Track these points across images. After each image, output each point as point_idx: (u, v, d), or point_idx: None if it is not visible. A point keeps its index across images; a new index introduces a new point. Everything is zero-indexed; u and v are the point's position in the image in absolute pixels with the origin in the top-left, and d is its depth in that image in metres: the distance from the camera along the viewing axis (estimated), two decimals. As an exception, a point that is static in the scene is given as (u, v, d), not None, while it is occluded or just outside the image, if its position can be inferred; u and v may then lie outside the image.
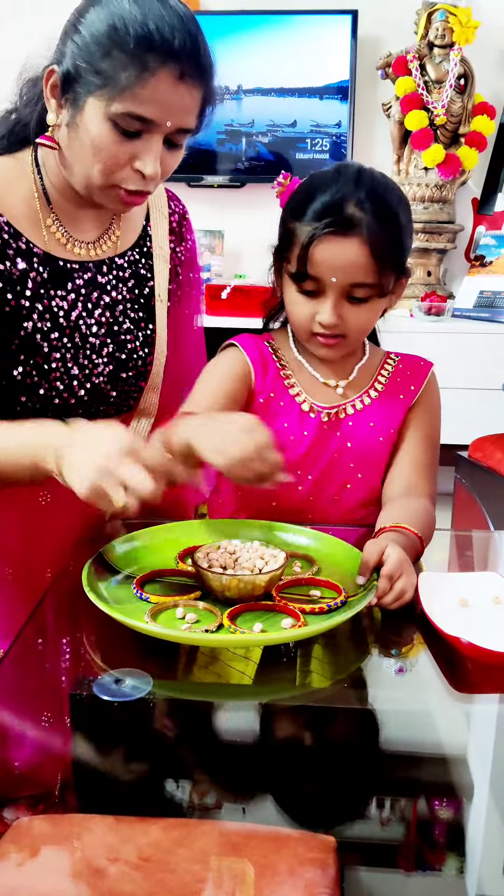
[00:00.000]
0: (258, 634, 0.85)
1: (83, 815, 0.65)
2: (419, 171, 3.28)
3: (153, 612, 0.88)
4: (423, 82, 3.18)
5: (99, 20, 0.98)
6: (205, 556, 0.96)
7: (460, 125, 3.23)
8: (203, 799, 0.70)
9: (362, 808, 0.69)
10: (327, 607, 0.90)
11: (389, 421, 1.19)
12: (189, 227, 1.33)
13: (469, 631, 0.85)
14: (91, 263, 1.19)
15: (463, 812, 0.70)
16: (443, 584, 0.97)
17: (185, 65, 0.98)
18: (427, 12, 3.17)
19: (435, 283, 3.37)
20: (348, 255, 1.06)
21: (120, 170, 1.03)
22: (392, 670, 0.89)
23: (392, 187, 1.12)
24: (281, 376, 1.20)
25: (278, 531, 1.10)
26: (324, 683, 0.86)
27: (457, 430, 2.77)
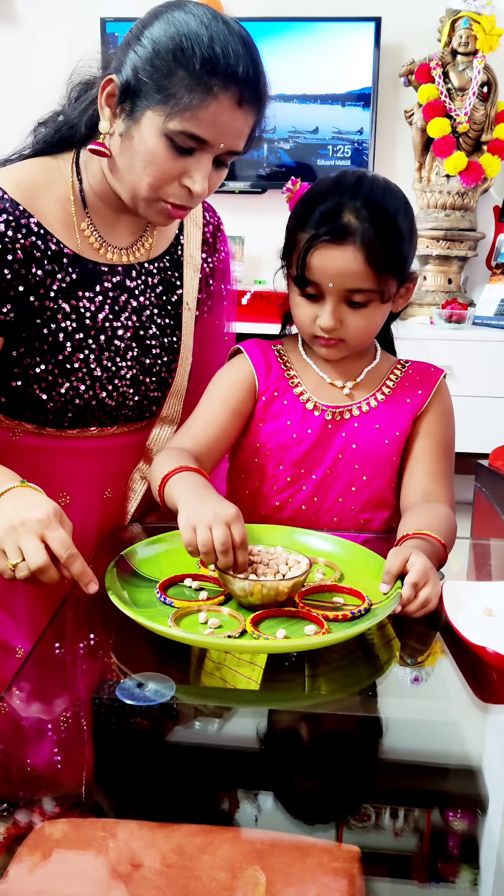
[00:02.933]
0: (282, 641, 0.84)
1: (105, 820, 0.65)
2: (441, 178, 3.27)
3: (176, 616, 0.88)
4: (446, 90, 3.18)
5: (165, 36, 1.00)
6: None
7: (483, 133, 3.22)
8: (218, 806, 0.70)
9: (375, 817, 0.68)
10: (351, 615, 0.90)
11: (395, 424, 1.19)
12: (223, 239, 1.34)
13: (494, 640, 0.84)
14: (120, 267, 1.19)
15: (477, 824, 0.69)
16: (467, 592, 0.96)
17: (245, 91, 1.00)
18: (451, 20, 3.17)
19: (455, 291, 3.36)
20: (344, 263, 1.08)
21: (168, 184, 1.05)
22: (407, 679, 0.88)
23: (393, 194, 1.12)
24: (285, 377, 1.22)
25: (301, 536, 1.10)
26: (336, 691, 0.86)
27: (477, 439, 2.76)
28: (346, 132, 3.37)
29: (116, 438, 1.25)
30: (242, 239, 3.50)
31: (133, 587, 0.94)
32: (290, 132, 3.40)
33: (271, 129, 3.39)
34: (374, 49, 3.27)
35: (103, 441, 1.24)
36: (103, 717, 0.80)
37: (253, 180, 3.44)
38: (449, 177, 3.24)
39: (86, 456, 1.22)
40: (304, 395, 1.21)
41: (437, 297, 3.30)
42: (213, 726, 0.81)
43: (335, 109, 3.36)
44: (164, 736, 0.78)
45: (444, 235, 3.27)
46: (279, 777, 0.74)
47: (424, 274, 3.37)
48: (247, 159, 3.42)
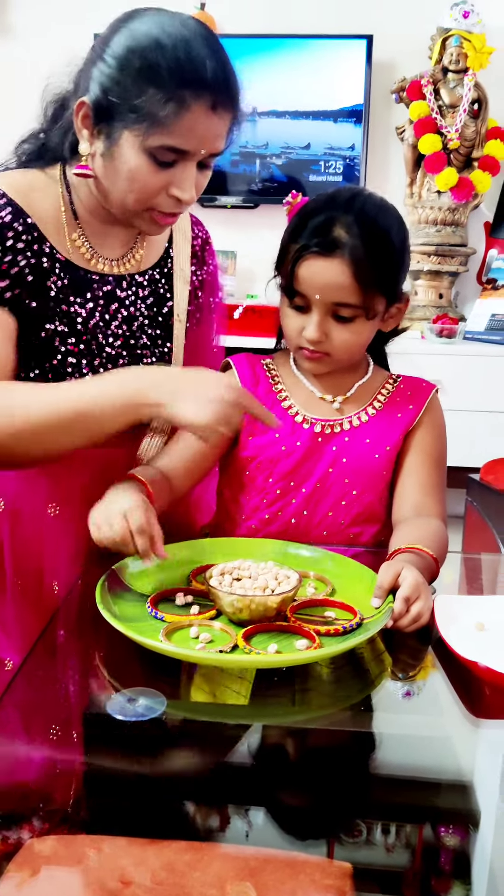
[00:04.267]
0: (273, 656, 0.84)
1: (95, 836, 0.64)
2: (432, 194, 3.29)
3: (167, 631, 0.88)
4: (437, 107, 3.20)
5: (128, 51, 0.99)
6: (217, 575, 0.95)
7: (473, 149, 3.24)
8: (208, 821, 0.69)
9: (367, 833, 0.67)
10: (343, 629, 0.89)
11: (386, 438, 1.19)
12: (211, 253, 1.35)
13: (486, 655, 0.84)
14: (111, 277, 1.20)
15: (469, 839, 0.69)
16: (459, 607, 0.96)
17: (218, 95, 1.00)
18: (441, 38, 3.20)
19: (447, 306, 3.38)
20: (330, 275, 1.09)
21: (156, 196, 1.06)
22: (399, 694, 0.88)
23: (387, 212, 1.14)
24: (273, 390, 1.23)
25: (292, 550, 1.09)
26: (326, 706, 0.85)
27: (468, 453, 2.77)
28: (338, 148, 3.39)
29: (107, 450, 1.25)
30: (234, 253, 3.51)
31: (124, 601, 0.94)
32: (282, 148, 3.42)
33: (263, 144, 3.41)
34: (366, 66, 3.30)
35: (94, 452, 1.23)
36: (94, 731, 0.79)
37: (245, 195, 3.46)
38: (440, 193, 3.26)
39: (76, 467, 1.22)
40: (293, 408, 1.21)
41: (428, 312, 3.31)
42: (203, 741, 0.80)
43: (327, 125, 3.39)
44: (155, 751, 0.77)
45: (435, 251, 3.28)
46: (270, 792, 0.73)
47: (416, 289, 3.39)
48: (239, 174, 3.44)
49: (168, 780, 0.74)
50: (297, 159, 3.41)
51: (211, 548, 1.10)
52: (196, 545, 1.10)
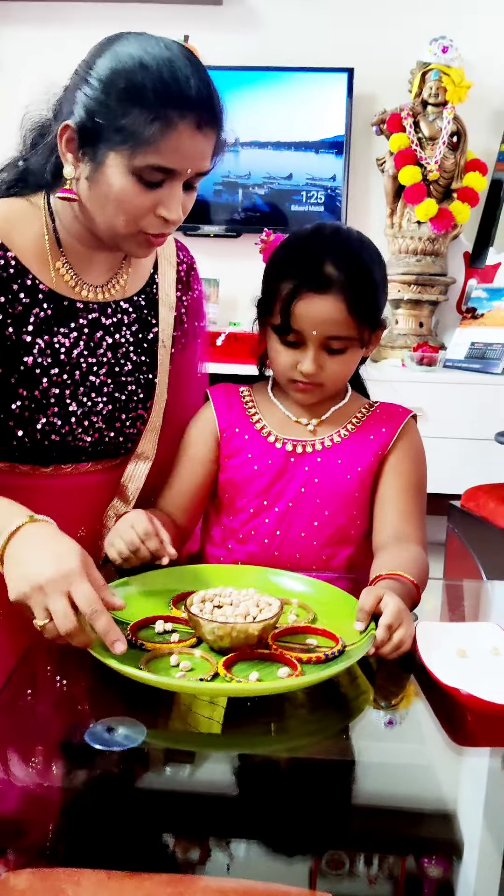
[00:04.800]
0: (255, 684, 0.83)
1: (73, 870, 0.63)
2: (412, 224, 3.34)
3: (147, 659, 0.87)
4: (417, 139, 3.25)
5: (112, 73, 1.00)
6: (198, 602, 0.94)
7: (453, 181, 3.30)
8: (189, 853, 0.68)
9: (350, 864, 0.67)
10: (324, 656, 0.89)
11: (358, 460, 1.20)
12: (196, 278, 1.35)
13: (468, 682, 0.83)
14: (96, 304, 1.20)
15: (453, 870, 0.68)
16: (441, 634, 0.96)
17: (202, 113, 1.01)
18: (421, 72, 3.26)
19: (427, 334, 3.41)
20: (327, 311, 1.12)
21: (144, 218, 1.05)
22: (381, 723, 0.87)
23: (367, 246, 1.18)
24: (246, 414, 1.25)
25: (274, 577, 1.09)
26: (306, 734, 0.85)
27: (449, 480, 2.78)
28: (319, 179, 3.44)
29: (91, 476, 1.24)
30: (217, 281, 3.53)
31: None
32: (264, 178, 3.46)
33: (246, 174, 3.45)
34: (347, 98, 3.35)
35: (77, 479, 1.23)
36: (72, 762, 0.78)
37: (227, 224, 3.49)
38: (420, 223, 3.31)
39: (59, 494, 1.21)
40: (266, 429, 1.23)
41: (409, 341, 3.34)
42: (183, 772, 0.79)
43: (309, 156, 3.43)
44: (134, 782, 0.76)
45: (415, 280, 3.32)
46: (251, 824, 0.72)
47: (396, 318, 3.42)
48: (221, 204, 3.47)
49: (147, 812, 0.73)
50: (278, 189, 3.45)
51: (191, 575, 1.09)
52: (176, 572, 1.09)
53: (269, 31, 3.46)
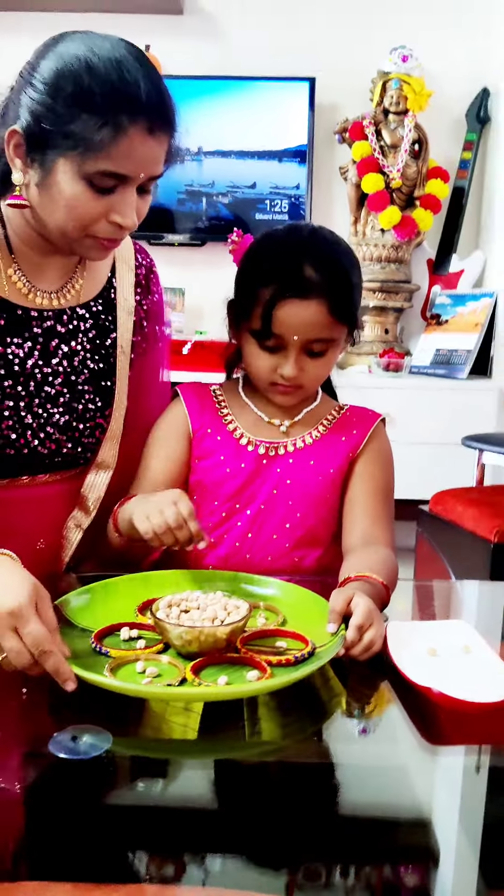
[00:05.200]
0: (224, 688, 0.81)
1: (37, 883, 0.61)
2: (376, 232, 3.36)
3: (113, 666, 0.85)
4: (379, 147, 3.28)
5: (59, 76, 0.96)
6: (164, 608, 0.92)
7: (415, 188, 3.33)
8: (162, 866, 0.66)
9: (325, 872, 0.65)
10: (294, 659, 0.87)
11: (330, 461, 1.20)
12: (156, 281, 1.32)
13: (439, 681, 0.82)
14: (51, 312, 1.16)
15: (430, 877, 0.67)
16: (411, 633, 0.95)
17: (154, 117, 0.97)
18: (382, 81, 3.29)
19: (392, 341, 3.42)
20: (309, 315, 1.11)
21: (96, 223, 1.02)
22: (355, 730, 0.86)
23: (343, 247, 1.17)
24: (218, 415, 1.23)
25: (242, 582, 1.07)
26: (278, 738, 0.83)
27: (417, 485, 2.78)
28: (283, 187, 3.45)
29: (49, 487, 1.21)
30: (183, 290, 3.52)
31: (67, 637, 0.90)
32: (228, 187, 3.46)
33: (209, 183, 3.45)
34: (309, 108, 3.37)
35: (35, 490, 1.20)
36: (36, 772, 0.76)
37: (192, 233, 3.48)
38: (384, 231, 3.33)
39: (17, 506, 1.18)
40: (237, 431, 1.22)
41: (375, 347, 3.35)
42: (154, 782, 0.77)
43: (272, 165, 3.44)
44: (101, 791, 0.74)
45: (380, 287, 3.34)
46: (226, 835, 0.70)
47: (362, 325, 3.43)
48: (185, 212, 3.47)
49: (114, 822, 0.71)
50: (243, 198, 3.45)
51: (157, 581, 1.07)
52: (140, 579, 1.07)
53: (231, 40, 3.47)
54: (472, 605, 1.28)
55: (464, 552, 2.26)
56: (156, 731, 0.82)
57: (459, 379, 3.16)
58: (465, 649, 0.91)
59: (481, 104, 3.41)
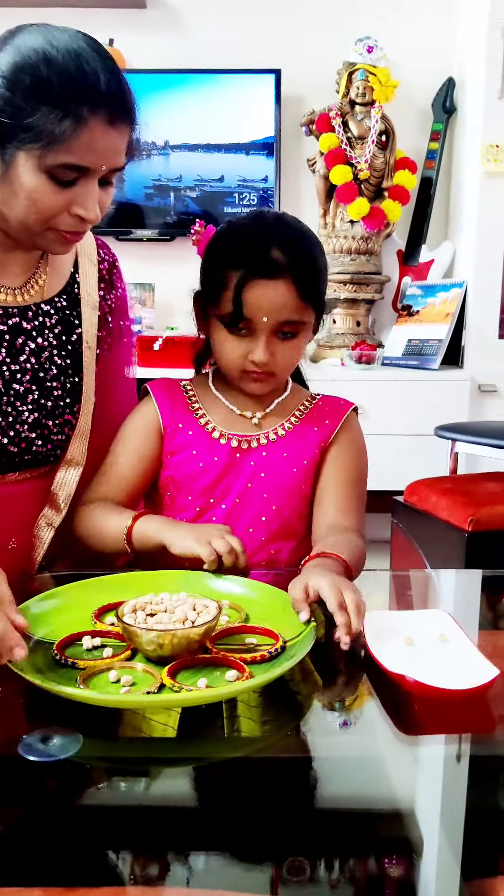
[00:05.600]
0: (210, 690, 0.79)
1: (7, 889, 0.59)
2: (345, 224, 3.35)
3: (84, 677, 0.81)
4: (346, 138, 3.27)
5: (17, 69, 0.94)
6: (129, 613, 0.88)
7: (383, 179, 3.32)
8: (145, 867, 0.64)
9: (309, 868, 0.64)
10: (268, 654, 0.85)
11: (303, 452, 1.19)
12: (119, 276, 1.30)
13: (414, 669, 0.81)
14: (16, 309, 1.15)
15: (413, 869, 0.65)
16: (388, 622, 0.94)
17: (114, 109, 0.97)
18: (348, 72, 3.28)
19: (364, 333, 3.42)
20: (277, 296, 1.10)
21: (58, 216, 1.01)
22: (334, 722, 0.84)
23: (308, 231, 1.17)
24: (190, 409, 1.22)
25: (203, 580, 1.04)
26: (258, 734, 0.81)
27: (391, 476, 2.78)
28: (251, 180, 3.43)
29: (19, 485, 1.19)
30: (153, 286, 3.50)
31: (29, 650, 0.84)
32: (196, 181, 3.43)
33: (177, 177, 3.42)
34: (276, 100, 3.36)
35: (5, 489, 1.18)
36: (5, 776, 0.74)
37: (161, 228, 3.45)
38: (353, 222, 3.32)
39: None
40: (209, 424, 1.20)
41: (347, 340, 3.35)
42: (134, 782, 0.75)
43: (240, 158, 3.42)
44: (80, 792, 0.72)
45: (350, 279, 3.33)
46: (207, 831, 0.69)
47: (333, 317, 3.42)
48: (154, 207, 3.44)
49: (96, 823, 0.69)
50: (211, 192, 3.43)
51: (110, 586, 1.02)
52: (94, 584, 1.02)
53: (195, 33, 3.44)
54: (448, 593, 1.27)
55: (438, 541, 2.26)
56: (135, 731, 0.80)
57: (431, 369, 3.16)
58: (442, 638, 0.90)
59: (447, 94, 3.41)
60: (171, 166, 3.42)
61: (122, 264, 1.34)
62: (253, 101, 3.37)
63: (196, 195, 3.45)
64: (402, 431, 3.04)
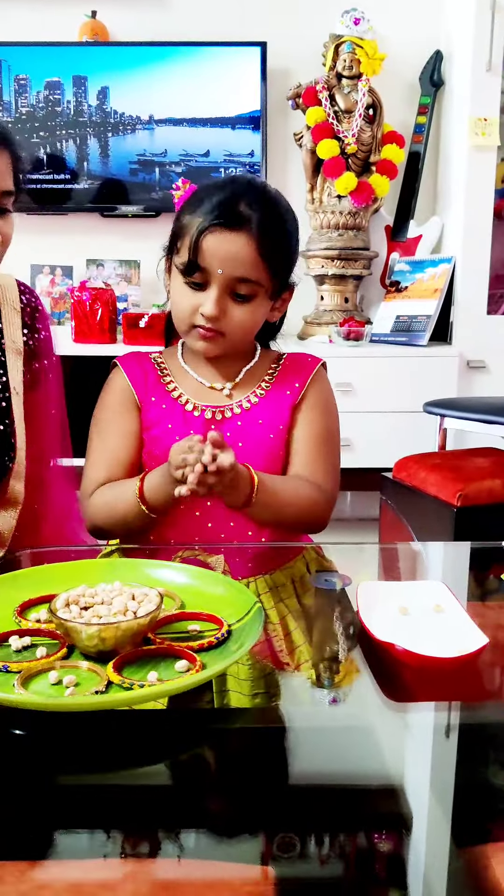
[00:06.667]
0: (167, 685, 0.74)
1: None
2: (332, 199, 3.31)
3: (22, 681, 0.75)
4: (333, 112, 3.23)
5: None
6: (62, 608, 0.82)
7: (371, 154, 3.29)
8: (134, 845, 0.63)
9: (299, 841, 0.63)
10: (216, 640, 0.82)
11: (277, 418, 1.19)
12: (42, 319, 1.31)
13: (406, 638, 0.80)
14: None
15: (403, 843, 0.65)
16: (384, 592, 0.93)
17: None
18: (334, 44, 3.23)
19: (352, 310, 3.40)
20: (236, 248, 1.09)
21: None
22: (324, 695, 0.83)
23: (281, 199, 1.16)
24: (161, 382, 1.21)
25: (133, 568, 0.99)
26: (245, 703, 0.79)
27: (380, 453, 2.78)
28: (237, 155, 3.39)
29: None
30: (138, 263, 3.46)
31: None
32: (181, 156, 3.39)
33: (162, 152, 3.38)
34: (261, 73, 3.31)
35: None
36: None
37: (146, 203, 3.41)
38: (340, 197, 3.29)
39: None
40: (182, 397, 1.19)
41: (335, 316, 3.32)
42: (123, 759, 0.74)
43: (225, 132, 3.38)
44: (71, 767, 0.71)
45: (338, 255, 3.30)
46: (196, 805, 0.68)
47: (321, 294, 3.40)
48: (138, 183, 3.39)
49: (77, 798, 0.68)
50: (196, 167, 3.39)
51: (27, 580, 0.95)
52: (9, 580, 0.95)
53: (179, 5, 3.38)
54: (436, 566, 1.27)
55: (427, 517, 2.26)
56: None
57: (420, 346, 3.14)
58: (437, 608, 0.89)
59: (434, 67, 3.38)
60: (155, 141, 3.38)
61: (107, 242, 1.34)
62: (239, 75, 3.33)
63: (181, 170, 3.40)
64: (390, 408, 3.02)
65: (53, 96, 3.35)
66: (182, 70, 3.33)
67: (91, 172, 3.40)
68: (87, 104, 3.36)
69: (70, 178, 3.40)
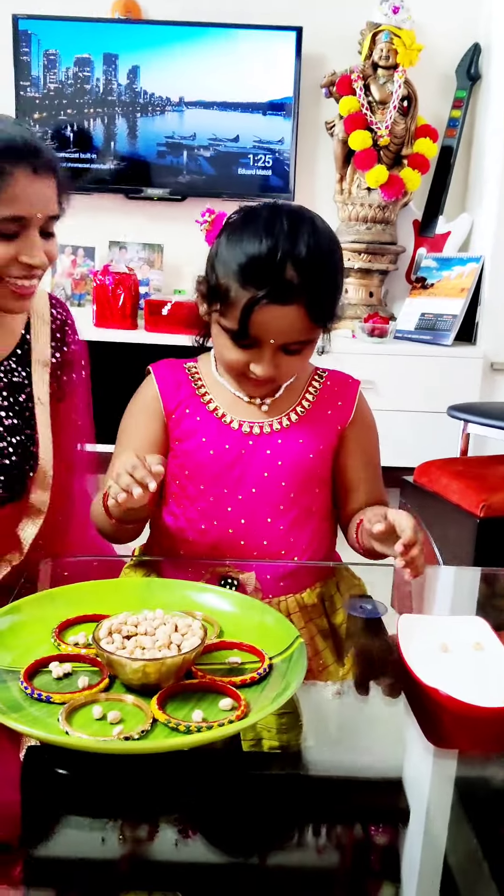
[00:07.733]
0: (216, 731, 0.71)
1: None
2: (362, 191, 3.26)
3: (66, 714, 0.73)
4: (367, 102, 3.17)
5: None
6: (105, 637, 0.80)
7: (403, 147, 3.23)
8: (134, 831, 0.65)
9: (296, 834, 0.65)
10: (258, 675, 0.79)
11: (320, 437, 1.16)
12: (72, 333, 1.31)
13: (448, 680, 0.78)
14: None
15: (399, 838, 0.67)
16: (423, 626, 0.90)
17: (34, 160, 1.06)
18: (371, 33, 3.16)
19: (377, 304, 3.35)
20: (289, 321, 1.04)
21: (7, 268, 1.08)
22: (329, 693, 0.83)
23: (327, 236, 1.07)
24: (196, 394, 1.17)
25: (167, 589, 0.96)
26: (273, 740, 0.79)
27: (401, 453, 2.73)
28: (266, 141, 3.33)
29: None
30: (161, 247, 3.41)
31: None
32: (210, 140, 3.33)
33: (191, 135, 3.32)
34: (296, 59, 3.24)
35: None
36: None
37: (172, 187, 3.36)
38: (370, 190, 3.24)
39: None
40: (218, 410, 1.15)
41: (359, 311, 3.28)
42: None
43: (256, 118, 3.32)
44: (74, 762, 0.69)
45: (365, 248, 3.25)
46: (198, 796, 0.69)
47: (346, 287, 3.35)
48: (165, 166, 3.34)
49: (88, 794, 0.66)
50: (225, 152, 3.34)
51: (64, 598, 0.93)
52: (46, 598, 0.94)
53: (215, -16, 3.32)
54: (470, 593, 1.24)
55: (449, 527, 2.23)
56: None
57: (444, 345, 3.10)
58: (477, 646, 0.87)
59: (472, 61, 3.31)
60: (185, 123, 3.32)
61: (131, 224, 1.32)
62: (272, 60, 3.26)
63: (210, 154, 3.35)
64: (412, 408, 2.99)
65: (83, 73, 3.30)
66: (215, 52, 3.26)
67: (117, 152, 3.35)
68: (117, 83, 3.30)
69: (96, 158, 3.35)
